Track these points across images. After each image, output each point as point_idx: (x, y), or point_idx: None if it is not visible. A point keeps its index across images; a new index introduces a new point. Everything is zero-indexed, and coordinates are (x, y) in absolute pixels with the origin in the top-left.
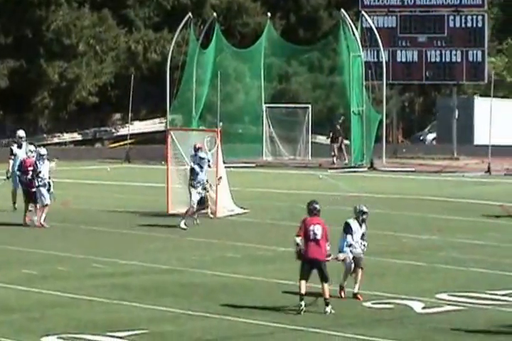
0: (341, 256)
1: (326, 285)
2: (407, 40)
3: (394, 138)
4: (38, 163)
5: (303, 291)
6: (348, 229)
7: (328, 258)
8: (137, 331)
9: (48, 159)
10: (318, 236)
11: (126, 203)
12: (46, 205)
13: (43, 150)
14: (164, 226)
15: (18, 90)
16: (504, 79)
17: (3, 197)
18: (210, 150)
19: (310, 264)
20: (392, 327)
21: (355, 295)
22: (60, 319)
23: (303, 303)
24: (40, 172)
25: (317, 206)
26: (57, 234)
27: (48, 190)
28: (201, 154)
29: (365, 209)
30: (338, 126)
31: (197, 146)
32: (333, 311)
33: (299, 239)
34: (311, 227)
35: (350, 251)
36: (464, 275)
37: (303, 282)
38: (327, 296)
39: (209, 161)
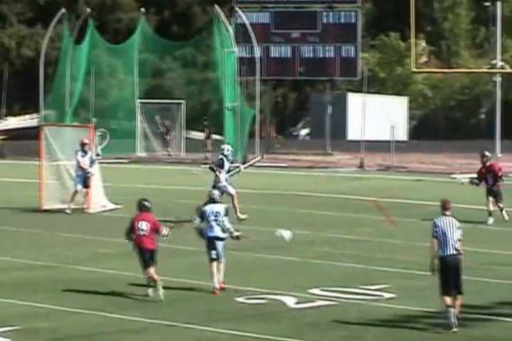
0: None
1: (152, 269)
2: (281, 36)
3: (267, 134)
4: None
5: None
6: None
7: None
8: (10, 327)
9: None
10: (145, 232)
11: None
12: None
13: None
14: (37, 222)
15: None
16: (377, 75)
17: None
18: (100, 145)
19: (143, 253)
20: (265, 322)
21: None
22: None
23: (149, 290)
24: None
25: (146, 203)
26: None
27: None
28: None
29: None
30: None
31: (84, 142)
32: (162, 297)
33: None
34: (138, 223)
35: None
36: (336, 270)
37: (146, 269)
38: (155, 277)
39: (98, 155)
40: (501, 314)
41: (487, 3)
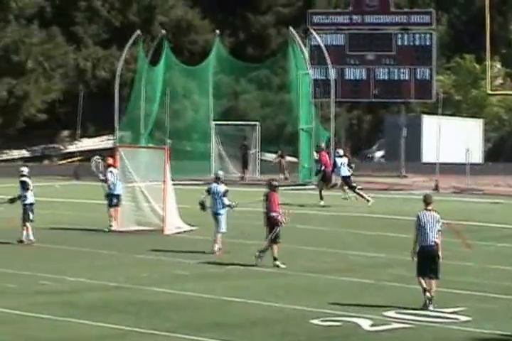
0: None
1: None
2: (356, 58)
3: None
4: None
5: None
6: None
7: None
8: None
9: None
10: None
11: (74, 220)
12: None
13: None
14: (112, 243)
15: None
16: (452, 97)
17: None
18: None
19: None
20: None
21: None
22: (8, 337)
23: None
24: None
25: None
26: (2, 250)
27: None
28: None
29: None
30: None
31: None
32: None
33: None
34: None
35: None
36: (411, 293)
37: None
38: None
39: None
40: None
41: None
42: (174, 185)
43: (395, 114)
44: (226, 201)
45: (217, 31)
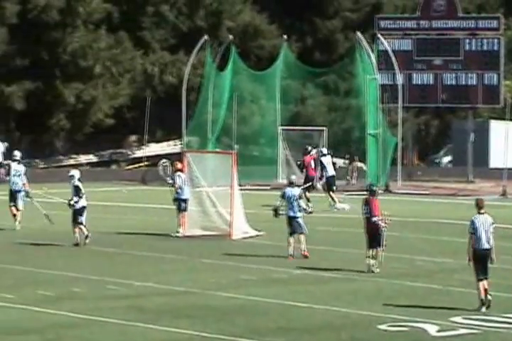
0: None
1: None
2: (423, 63)
3: (409, 161)
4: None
5: None
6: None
7: None
8: None
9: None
10: None
11: (141, 225)
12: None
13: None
14: (179, 248)
15: (35, 112)
16: None
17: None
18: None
19: None
20: None
21: None
22: (75, 340)
23: None
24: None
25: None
26: (71, 254)
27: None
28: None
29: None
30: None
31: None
32: None
33: None
34: None
35: None
36: (478, 299)
37: None
38: None
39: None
40: None
41: None
42: (241, 190)
43: (463, 119)
44: (302, 204)
45: (285, 36)
